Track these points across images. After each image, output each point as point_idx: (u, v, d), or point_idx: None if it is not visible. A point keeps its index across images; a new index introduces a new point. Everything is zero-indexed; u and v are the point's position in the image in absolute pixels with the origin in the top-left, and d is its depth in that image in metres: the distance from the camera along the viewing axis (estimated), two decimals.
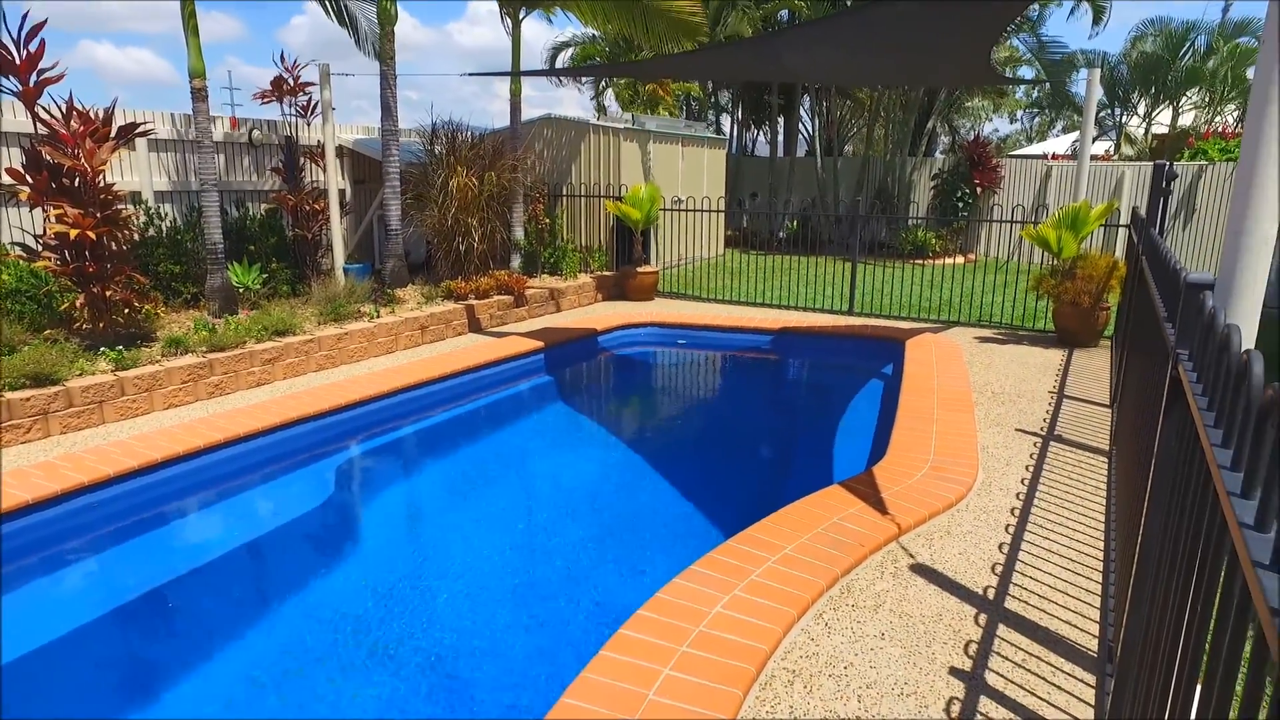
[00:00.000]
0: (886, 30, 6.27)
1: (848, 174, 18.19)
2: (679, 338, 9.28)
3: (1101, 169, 15.90)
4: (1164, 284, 2.83)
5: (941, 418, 5.57)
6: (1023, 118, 34.03)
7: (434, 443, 6.34)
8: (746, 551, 3.53)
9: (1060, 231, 8.29)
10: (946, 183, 16.47)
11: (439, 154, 9.82)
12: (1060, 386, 6.68)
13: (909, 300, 10.63)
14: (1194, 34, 19.92)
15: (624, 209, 10.69)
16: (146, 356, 6.19)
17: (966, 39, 6.42)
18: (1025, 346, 8.18)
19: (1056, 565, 3.60)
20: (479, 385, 7.25)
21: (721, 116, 21.30)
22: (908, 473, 4.51)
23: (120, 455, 4.85)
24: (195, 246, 8.11)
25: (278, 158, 9.51)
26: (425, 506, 5.28)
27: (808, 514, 3.90)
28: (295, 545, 4.61)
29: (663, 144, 13.09)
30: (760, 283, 11.91)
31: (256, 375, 6.60)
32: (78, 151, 6.45)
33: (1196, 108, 20.96)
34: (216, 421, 5.49)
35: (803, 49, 7.20)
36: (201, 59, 7.45)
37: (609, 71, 18.57)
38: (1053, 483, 4.58)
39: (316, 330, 7.29)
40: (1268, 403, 1.02)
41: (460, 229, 9.50)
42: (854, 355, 8.73)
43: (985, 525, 3.99)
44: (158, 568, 4.22)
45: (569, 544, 4.49)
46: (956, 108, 21.95)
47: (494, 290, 9.14)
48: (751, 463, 6.17)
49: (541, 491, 5.49)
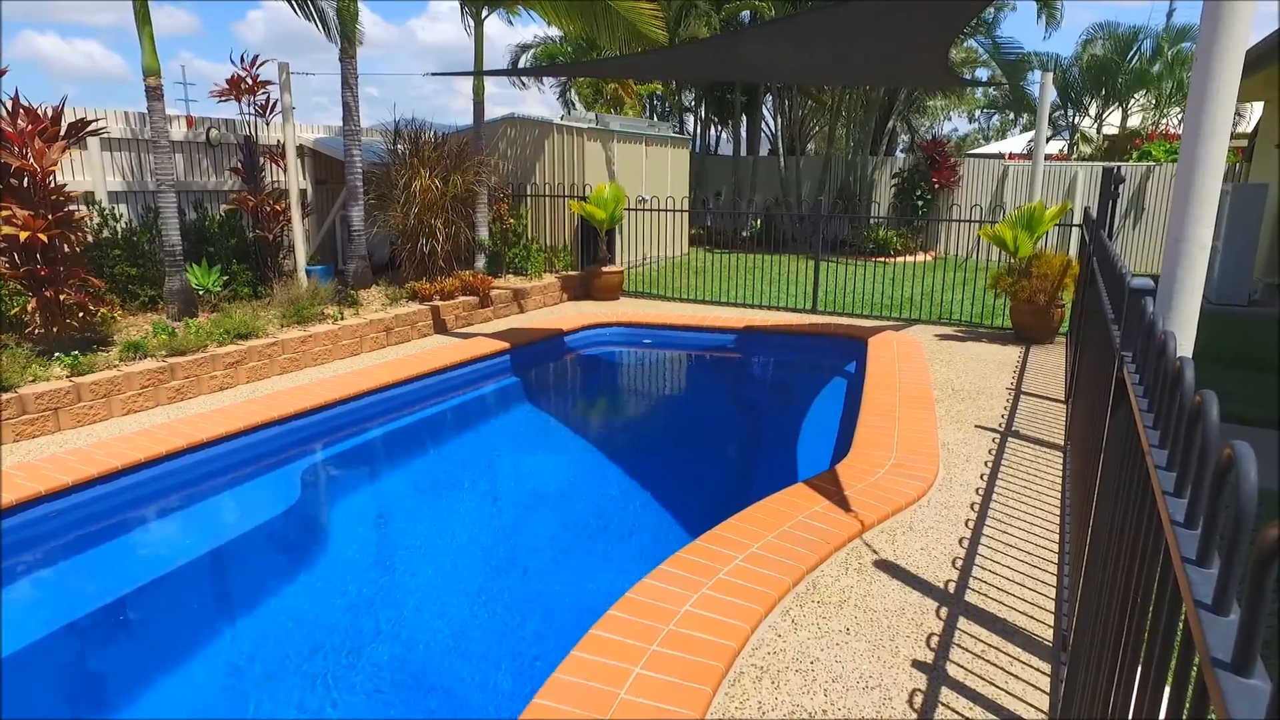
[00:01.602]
0: (845, 31, 6.38)
1: (810, 173, 18.41)
2: (645, 337, 9.33)
3: (1055, 169, 16.30)
4: (1111, 287, 2.95)
5: (903, 415, 5.70)
6: (981, 117, 34.73)
7: (401, 446, 6.32)
8: (714, 550, 3.59)
9: (1016, 231, 8.50)
10: (906, 182, 16.75)
11: (402, 154, 9.75)
12: (1017, 383, 6.86)
13: (871, 298, 10.80)
14: (1141, 38, 20.54)
15: (588, 209, 10.71)
16: (104, 361, 6.07)
17: (923, 41, 6.56)
18: (984, 344, 8.38)
19: (1014, 559, 3.71)
20: (446, 387, 7.23)
21: (685, 115, 21.39)
22: (871, 470, 4.61)
23: (79, 463, 4.76)
24: (153, 248, 7.96)
25: (237, 158, 9.36)
26: (392, 510, 5.26)
27: (774, 512, 3.97)
28: (260, 552, 4.56)
29: (627, 143, 13.13)
30: (725, 281, 12.01)
31: (219, 379, 6.50)
32: (26, 151, 6.30)
33: (1144, 110, 21.58)
34: (179, 427, 5.41)
35: (763, 49, 7.29)
36: (156, 56, 7.31)
37: (572, 71, 18.55)
38: (1011, 478, 4.72)
39: (280, 333, 7.20)
40: (1196, 408, 1.09)
41: (424, 229, 9.44)
42: (818, 353, 8.86)
43: (946, 521, 4.10)
44: (121, 578, 4.15)
45: (538, 544, 4.51)
46: (916, 107, 22.32)
47: (459, 291, 9.11)
48: (718, 461, 6.24)
49: (510, 492, 5.50)
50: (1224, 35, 2.21)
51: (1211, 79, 2.24)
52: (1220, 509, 0.95)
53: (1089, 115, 22.95)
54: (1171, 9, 30.74)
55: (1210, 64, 2.29)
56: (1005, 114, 31.14)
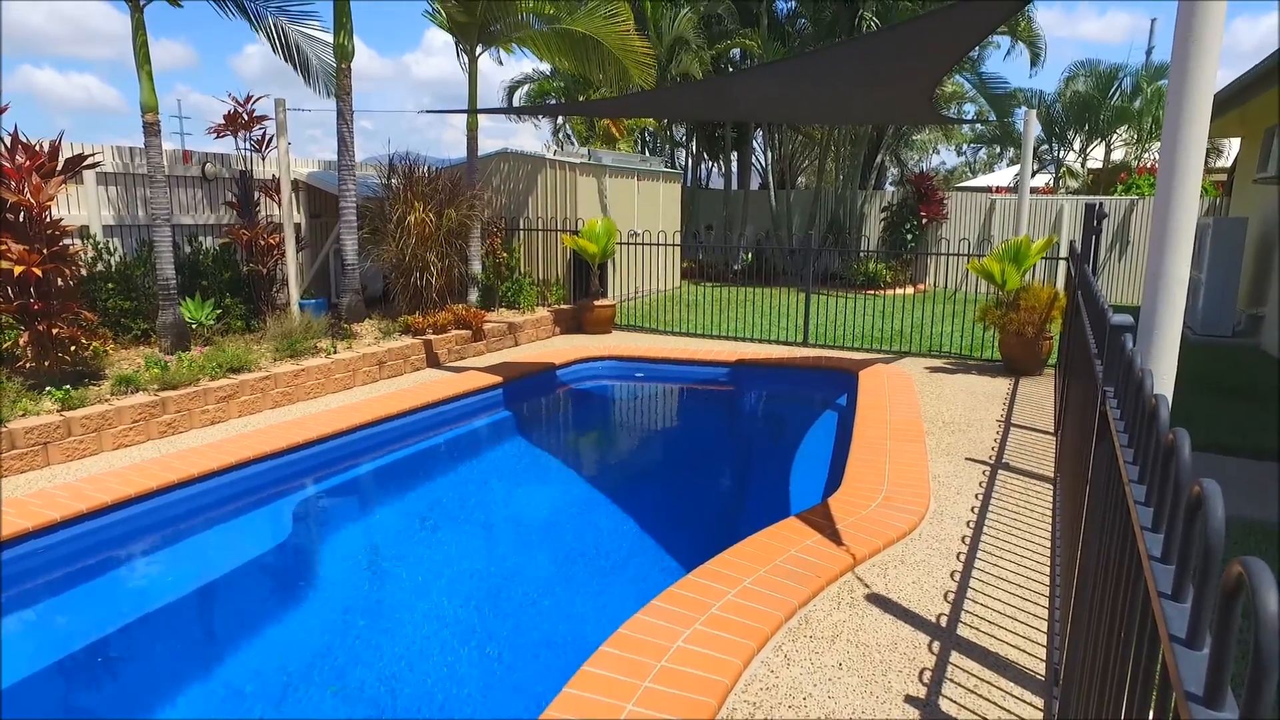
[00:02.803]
0: (834, 71, 6.53)
1: (801, 206, 18.63)
2: (637, 371, 9.37)
3: (1041, 202, 16.55)
4: (1094, 322, 3.00)
5: (894, 448, 5.73)
6: (969, 151, 35.33)
7: (393, 480, 6.30)
8: (706, 585, 3.59)
9: (1004, 265, 8.62)
10: (896, 215, 16.96)
11: (396, 188, 9.84)
12: (1007, 415, 6.91)
13: (862, 331, 10.89)
14: (1121, 76, 21.01)
15: (581, 243, 10.80)
16: (95, 395, 6.06)
17: (911, 80, 6.72)
18: (974, 376, 8.44)
19: (1006, 591, 3.72)
20: (438, 421, 7.23)
21: (677, 150, 21.66)
22: (862, 503, 4.63)
23: (67, 498, 4.73)
24: (146, 282, 7.98)
25: (232, 192, 9.43)
26: (383, 545, 5.23)
27: (765, 546, 3.98)
28: (250, 588, 4.53)
29: (619, 178, 13.29)
30: (716, 314, 12.09)
31: (211, 413, 6.49)
32: (23, 186, 6.34)
33: (1127, 144, 21.99)
34: (170, 462, 5.39)
35: (753, 89, 7.44)
36: (154, 93, 7.40)
37: (565, 110, 18.84)
38: (1001, 510, 4.74)
39: (272, 367, 7.21)
40: (1170, 445, 1.13)
41: (418, 263, 9.50)
42: (809, 386, 8.91)
43: (937, 554, 4.12)
44: (107, 615, 4.11)
45: (530, 579, 4.49)
46: (904, 142, 22.70)
47: (452, 325, 9.14)
48: (711, 495, 6.24)
49: (501, 528, 5.49)
50: (1193, 80, 2.30)
51: (1183, 123, 2.32)
52: (1193, 544, 0.98)
53: (1073, 150, 23.37)
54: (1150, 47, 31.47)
55: (1181, 107, 2.37)
56: (992, 148, 31.74)
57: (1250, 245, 11.24)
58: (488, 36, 10.59)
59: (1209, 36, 2.34)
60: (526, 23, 10.63)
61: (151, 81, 7.36)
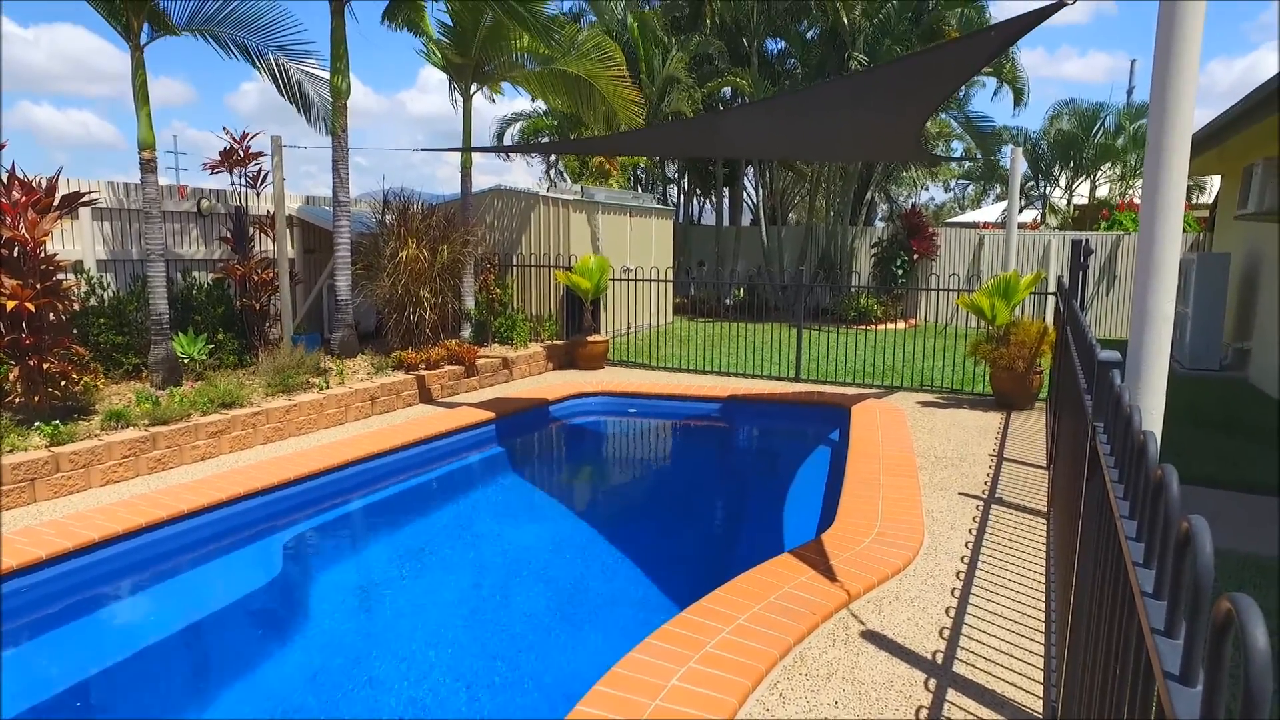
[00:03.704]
0: (823, 110, 6.65)
1: (792, 242, 18.82)
2: (629, 406, 9.37)
3: (1029, 238, 16.79)
4: (1083, 358, 3.04)
5: (887, 483, 5.73)
6: (956, 187, 35.84)
7: (384, 517, 6.25)
8: (700, 623, 3.56)
9: (993, 300, 8.70)
10: (886, 250, 17.14)
11: (390, 224, 9.90)
12: (999, 449, 6.92)
13: (854, 366, 10.93)
14: (1103, 114, 21.45)
15: (574, 279, 10.87)
16: (84, 430, 6.02)
17: (898, 119, 6.84)
18: (965, 410, 8.48)
19: (1001, 627, 3.71)
20: (431, 457, 7.19)
21: (669, 186, 21.91)
22: (856, 539, 4.62)
23: (54, 536, 4.67)
24: (139, 316, 7.98)
25: (226, 227, 9.48)
26: (373, 582, 5.18)
27: (760, 583, 3.96)
28: (239, 627, 4.47)
29: (611, 214, 13.41)
30: (709, 350, 12.13)
31: (201, 449, 6.45)
32: (19, 221, 6.36)
33: (1111, 181, 22.37)
34: (159, 498, 5.34)
35: (743, 128, 7.56)
36: (152, 131, 7.48)
37: (557, 149, 19.08)
38: (995, 545, 4.73)
39: (264, 402, 7.18)
40: (1158, 481, 1.14)
41: (411, 299, 9.52)
42: (802, 422, 8.92)
43: (932, 590, 4.10)
44: (94, 654, 4.05)
45: (523, 618, 4.45)
46: (893, 178, 23.02)
47: (445, 360, 9.15)
48: (705, 531, 6.22)
49: (494, 565, 5.44)
50: (1171, 122, 2.36)
51: (1163, 165, 2.37)
52: (1183, 580, 0.99)
53: (1059, 186, 23.74)
54: (1130, 87, 32.16)
55: (1161, 149, 2.43)
56: (979, 184, 32.24)
57: (1234, 280, 11.39)
58: (482, 76, 10.76)
59: (1185, 80, 2.41)
60: (520, 63, 10.81)
61: (150, 120, 7.43)
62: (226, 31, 8.29)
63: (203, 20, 8.06)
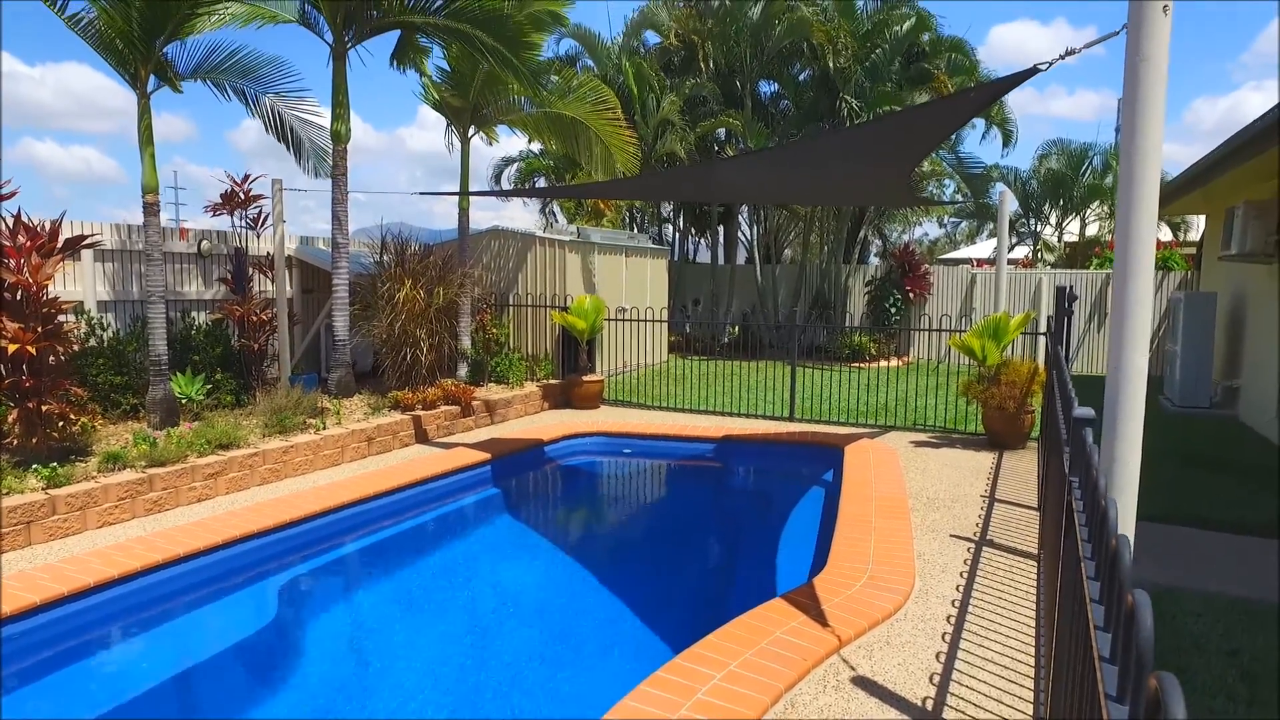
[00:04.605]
0: (813, 162, 6.82)
1: (787, 280, 19.01)
2: (624, 447, 9.41)
3: (1021, 276, 16.99)
4: (1064, 409, 3.12)
5: (879, 525, 5.77)
6: (949, 224, 36.26)
7: (378, 559, 6.26)
8: (693, 669, 3.59)
9: (984, 341, 8.82)
10: (880, 289, 17.32)
11: (388, 264, 10.03)
12: (991, 490, 6.97)
13: (848, 405, 11.00)
14: (1091, 154, 21.86)
15: (570, 320, 10.98)
16: (81, 472, 6.05)
17: (889, 165, 7.01)
18: (958, 450, 8.54)
19: (991, 673, 3.73)
20: (425, 499, 7.22)
21: (664, 226, 22.16)
22: (847, 583, 4.65)
23: (48, 580, 4.69)
24: (138, 357, 8.04)
25: (226, 268, 9.59)
26: (367, 625, 5.18)
27: (752, 628, 3.99)
28: (233, 670, 4.47)
29: (607, 255, 13.57)
30: (703, 389, 12.21)
31: (198, 491, 6.48)
32: (22, 266, 6.45)
33: (1100, 219, 22.71)
34: (154, 541, 5.36)
35: (736, 176, 7.74)
36: (155, 175, 7.62)
37: (553, 193, 19.38)
38: (986, 588, 4.77)
39: (261, 443, 7.22)
40: (1114, 551, 1.21)
41: (408, 339, 9.61)
42: (795, 462, 8.97)
43: (923, 634, 4.13)
44: (87, 701, 4.04)
45: (518, 661, 4.46)
46: (887, 216, 23.34)
47: (441, 400, 9.20)
48: (698, 573, 6.23)
49: (488, 607, 5.45)
50: (1138, 191, 2.47)
51: (1132, 228, 2.48)
52: (1131, 649, 1.05)
53: (1050, 224, 24.08)
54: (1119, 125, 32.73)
55: (1130, 210, 2.54)
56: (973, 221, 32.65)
57: (1221, 319, 11.54)
58: (479, 119, 10.98)
59: (1151, 145, 2.53)
60: (518, 105, 11.04)
61: (154, 164, 7.58)
62: (229, 80, 8.49)
63: (207, 69, 8.26)
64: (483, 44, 8.83)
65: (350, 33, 8.89)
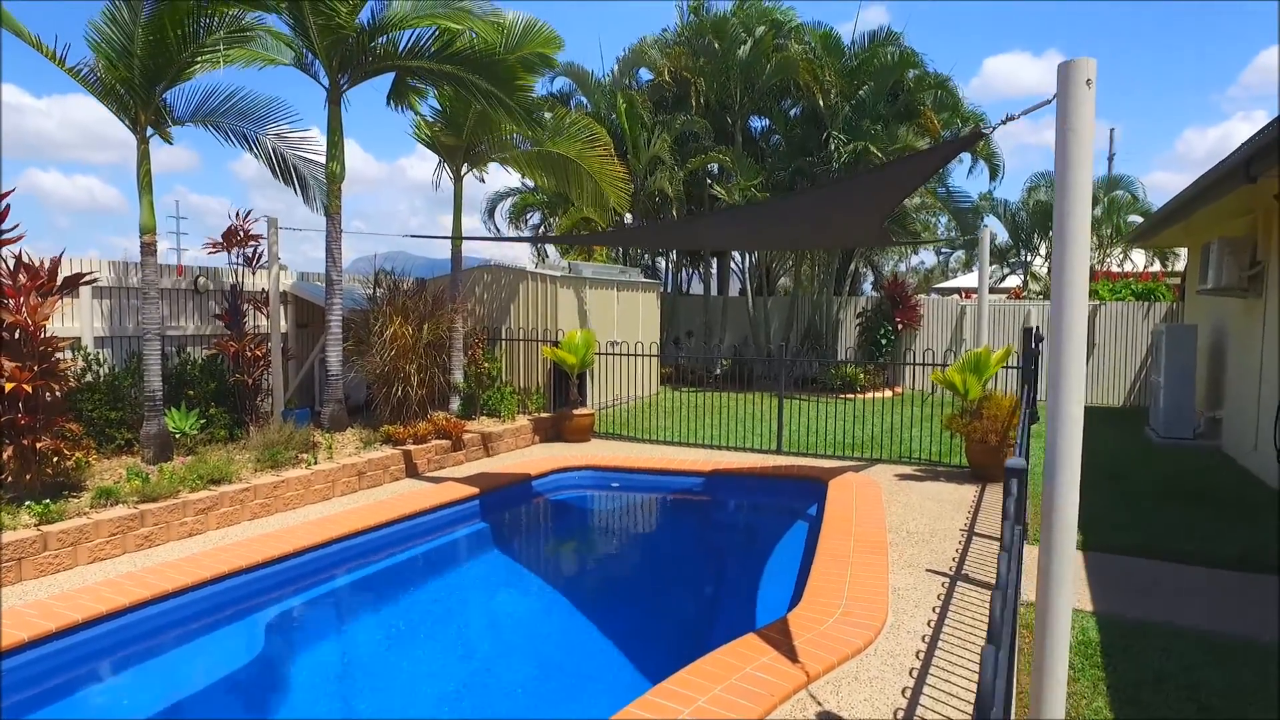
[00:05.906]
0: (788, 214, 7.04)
1: (779, 312, 19.22)
2: (613, 481, 9.51)
3: (1010, 307, 17.21)
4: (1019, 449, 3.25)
5: (857, 560, 5.88)
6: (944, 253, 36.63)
7: (367, 594, 6.35)
8: (662, 704, 3.68)
9: (965, 375, 8.97)
10: (870, 320, 17.52)
11: (380, 299, 10.20)
12: (970, 524, 7.08)
13: (835, 437, 11.13)
14: None
15: (560, 354, 11.14)
16: (74, 508, 6.15)
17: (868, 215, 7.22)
18: (941, 483, 8.65)
19: (956, 708, 3.83)
20: (414, 533, 7.31)
21: (657, 258, 22.43)
22: (820, 618, 4.75)
23: (36, 617, 4.78)
24: (134, 392, 8.18)
25: (222, 304, 9.76)
26: (355, 660, 5.26)
27: (723, 664, 4.09)
28: (222, 706, 4.55)
29: (598, 289, 13.76)
30: (694, 421, 12.33)
31: (189, 525, 6.58)
32: (21, 306, 6.60)
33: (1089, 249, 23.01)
34: (144, 577, 5.46)
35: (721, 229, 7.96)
36: (153, 216, 7.82)
37: (545, 240, 19.69)
38: (958, 624, 4.87)
39: (253, 478, 7.33)
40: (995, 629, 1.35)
41: (399, 374, 9.75)
42: (781, 496, 9.07)
43: (891, 670, 4.23)
44: None
45: (502, 693, 4.55)
46: (879, 249, 23.63)
47: (432, 435, 9.32)
48: (681, 608, 6.32)
49: (473, 640, 5.54)
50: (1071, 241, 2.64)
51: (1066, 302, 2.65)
52: None
53: (1039, 255, 24.37)
54: (1111, 154, 33.30)
55: (1064, 269, 2.71)
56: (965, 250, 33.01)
57: (1203, 351, 11.71)
58: (473, 156, 11.23)
59: (1080, 211, 2.70)
60: (511, 143, 11.29)
61: (152, 207, 7.78)
62: (227, 122, 8.73)
63: (205, 113, 8.50)
64: (476, 87, 9.09)
65: (345, 77, 9.15)
